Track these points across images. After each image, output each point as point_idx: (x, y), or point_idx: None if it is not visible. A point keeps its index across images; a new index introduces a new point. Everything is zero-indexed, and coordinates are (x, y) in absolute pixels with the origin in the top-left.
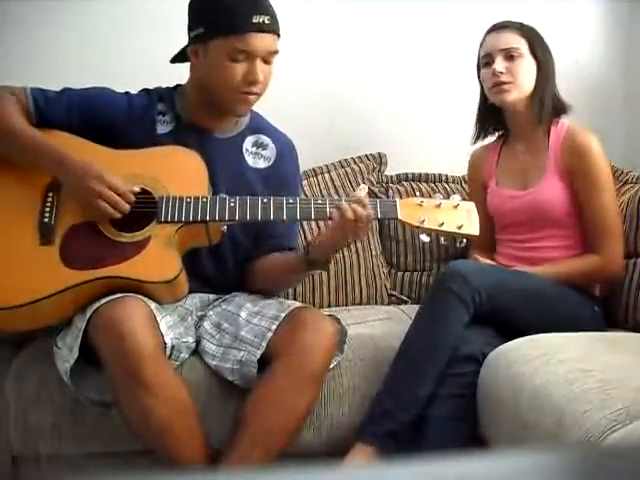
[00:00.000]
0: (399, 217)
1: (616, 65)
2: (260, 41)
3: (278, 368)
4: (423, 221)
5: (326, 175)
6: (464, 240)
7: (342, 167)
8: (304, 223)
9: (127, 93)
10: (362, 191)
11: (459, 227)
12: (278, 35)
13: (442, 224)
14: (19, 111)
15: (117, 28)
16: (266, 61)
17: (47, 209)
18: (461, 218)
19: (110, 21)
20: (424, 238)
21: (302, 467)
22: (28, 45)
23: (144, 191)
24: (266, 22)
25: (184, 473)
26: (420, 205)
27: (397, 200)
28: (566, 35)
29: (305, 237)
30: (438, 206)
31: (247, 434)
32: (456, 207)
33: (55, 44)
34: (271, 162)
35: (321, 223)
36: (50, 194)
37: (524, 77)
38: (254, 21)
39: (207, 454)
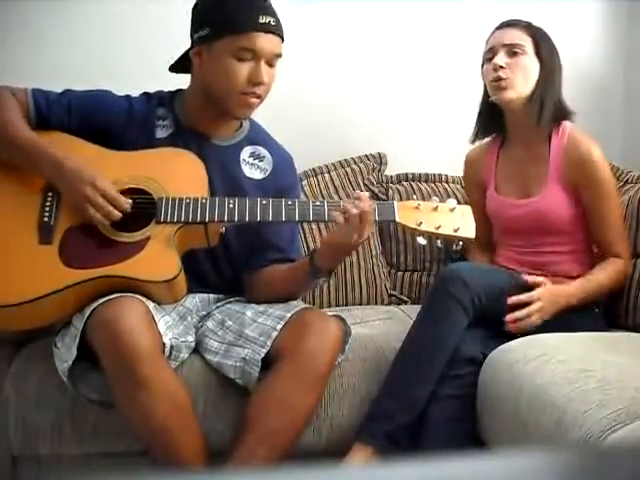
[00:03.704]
0: (397, 219)
1: (616, 65)
2: (266, 41)
3: (283, 369)
4: (420, 223)
5: (326, 175)
6: (460, 243)
7: (342, 167)
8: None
9: (127, 96)
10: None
11: (455, 230)
12: (282, 39)
13: (439, 227)
14: (19, 113)
15: (118, 29)
16: (270, 64)
17: (47, 208)
18: (457, 221)
19: (111, 22)
20: (421, 241)
21: (302, 467)
22: (28, 46)
23: (143, 192)
24: (272, 23)
25: (184, 473)
26: (417, 208)
27: (395, 203)
28: (566, 35)
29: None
30: (435, 209)
31: (252, 434)
32: (452, 210)
33: (56, 45)
34: (267, 174)
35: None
36: (50, 193)
37: (525, 75)
38: (261, 21)
39: (206, 453)
